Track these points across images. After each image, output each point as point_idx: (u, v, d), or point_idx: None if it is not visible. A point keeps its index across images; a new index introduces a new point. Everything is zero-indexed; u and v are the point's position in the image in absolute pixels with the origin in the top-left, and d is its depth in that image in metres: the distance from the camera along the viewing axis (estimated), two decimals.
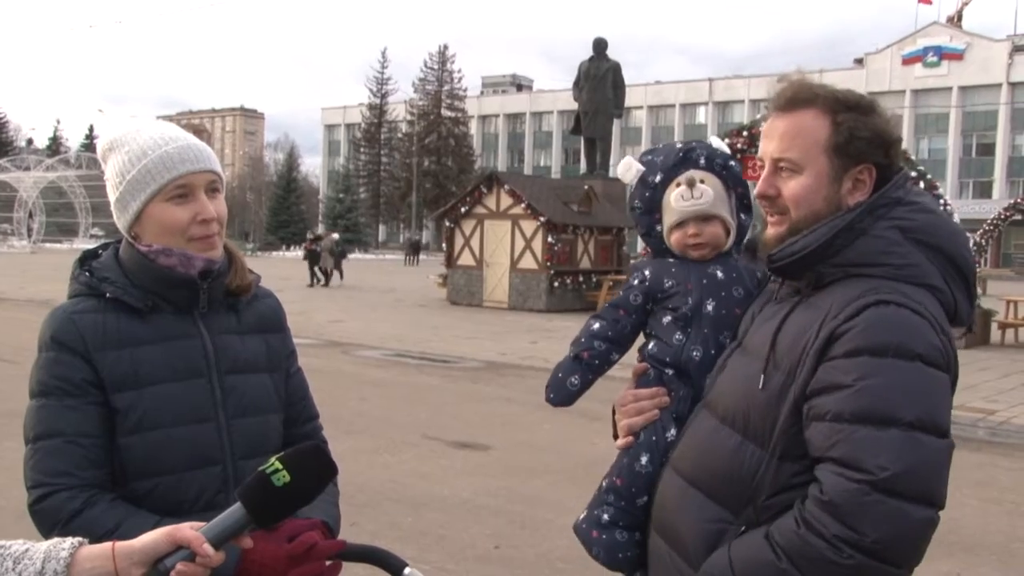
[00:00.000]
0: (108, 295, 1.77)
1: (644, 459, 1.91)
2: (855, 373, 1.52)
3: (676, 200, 1.96)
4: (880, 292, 1.58)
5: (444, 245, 25.23)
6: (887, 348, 1.51)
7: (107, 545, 1.35)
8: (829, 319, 1.59)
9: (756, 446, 1.65)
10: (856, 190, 1.71)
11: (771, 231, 1.77)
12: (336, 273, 30.85)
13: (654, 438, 1.91)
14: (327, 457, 1.51)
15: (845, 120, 1.69)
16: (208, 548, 1.35)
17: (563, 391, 2.00)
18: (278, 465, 1.42)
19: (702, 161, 1.99)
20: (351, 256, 63.39)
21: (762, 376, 1.66)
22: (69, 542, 1.34)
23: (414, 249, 56.03)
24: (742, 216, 2.02)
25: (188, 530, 1.37)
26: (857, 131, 1.68)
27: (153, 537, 1.36)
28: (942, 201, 16.67)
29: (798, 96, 1.73)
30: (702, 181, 1.95)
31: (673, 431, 1.89)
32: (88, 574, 1.32)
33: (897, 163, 1.74)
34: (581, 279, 23.00)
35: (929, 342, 1.53)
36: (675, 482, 1.80)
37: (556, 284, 22.33)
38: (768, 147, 1.76)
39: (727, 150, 2.06)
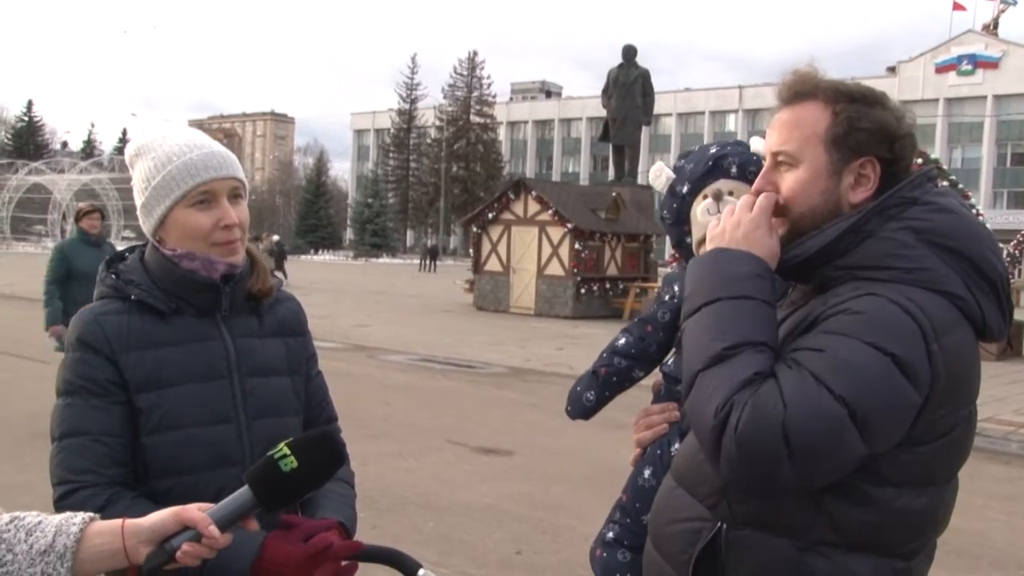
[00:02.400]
0: (133, 297, 1.81)
1: (647, 472, 1.88)
2: (824, 343, 1.44)
3: (702, 214, 1.86)
4: (875, 288, 1.48)
5: (471, 251, 25.26)
6: (863, 335, 1.42)
7: (117, 522, 1.39)
8: (818, 310, 1.52)
9: None
10: (859, 186, 1.60)
11: None
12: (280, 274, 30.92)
13: (659, 452, 1.87)
14: (336, 445, 1.54)
15: (845, 110, 1.59)
16: (214, 529, 1.39)
17: (579, 405, 1.99)
18: (286, 451, 1.45)
19: (734, 170, 1.87)
20: (380, 260, 63.90)
21: None
22: (80, 517, 1.38)
23: (431, 255, 53.15)
24: None
25: (195, 511, 1.41)
26: (857, 121, 1.59)
27: (161, 517, 1.40)
28: (975, 211, 16.47)
29: (800, 88, 1.65)
30: (730, 193, 1.83)
31: (678, 445, 1.82)
32: (97, 549, 1.36)
33: (906, 158, 1.62)
34: (608, 286, 22.96)
35: (910, 348, 1.42)
36: (667, 483, 1.74)
37: (583, 291, 22.30)
38: (768, 141, 1.68)
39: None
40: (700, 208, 1.87)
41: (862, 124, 1.58)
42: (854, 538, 1.50)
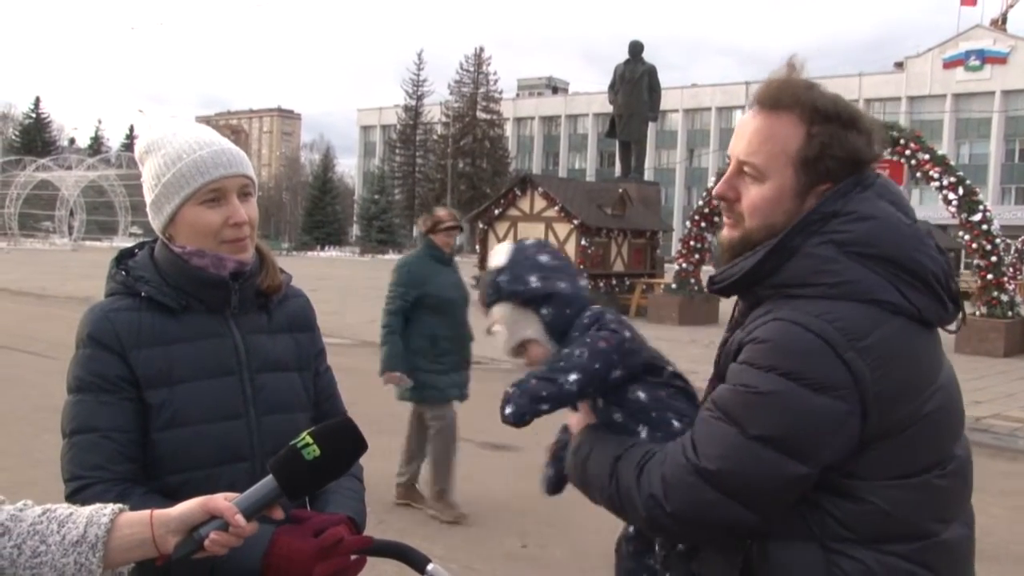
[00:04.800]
0: (143, 294, 1.82)
1: None
2: (736, 378, 1.55)
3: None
4: (782, 310, 1.54)
5: (477, 247, 25.25)
6: (767, 364, 1.50)
7: (145, 513, 1.44)
8: (739, 336, 1.60)
9: None
10: None
11: (724, 232, 1.70)
12: None
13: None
14: (357, 433, 1.56)
15: (819, 134, 1.58)
16: (240, 518, 1.43)
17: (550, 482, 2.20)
18: (309, 440, 1.48)
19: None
20: (387, 256, 63.74)
21: None
22: (110, 508, 1.43)
23: None
24: (543, 311, 2.02)
25: (221, 501, 1.44)
26: (830, 147, 1.58)
27: (188, 507, 1.44)
28: (981, 207, 16.21)
29: (780, 97, 1.61)
30: (490, 330, 2.02)
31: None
32: (126, 539, 1.40)
33: None
34: (614, 282, 22.95)
35: (816, 363, 1.47)
36: None
37: (589, 287, 22.24)
38: (736, 146, 1.65)
39: (501, 261, 2.02)
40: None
41: (833, 151, 1.58)
42: (868, 532, 1.52)
